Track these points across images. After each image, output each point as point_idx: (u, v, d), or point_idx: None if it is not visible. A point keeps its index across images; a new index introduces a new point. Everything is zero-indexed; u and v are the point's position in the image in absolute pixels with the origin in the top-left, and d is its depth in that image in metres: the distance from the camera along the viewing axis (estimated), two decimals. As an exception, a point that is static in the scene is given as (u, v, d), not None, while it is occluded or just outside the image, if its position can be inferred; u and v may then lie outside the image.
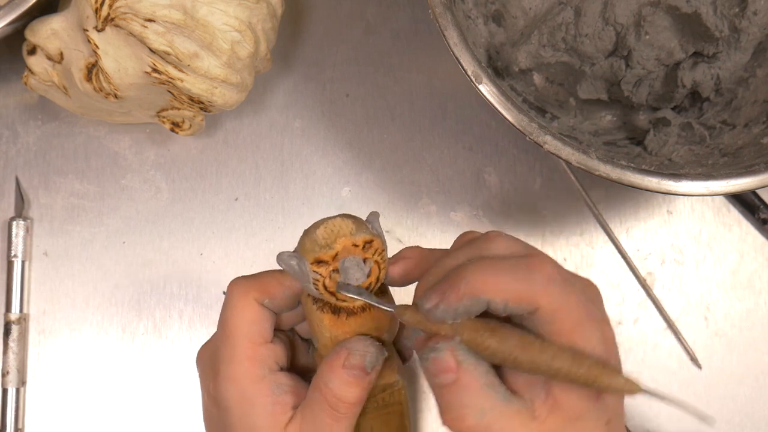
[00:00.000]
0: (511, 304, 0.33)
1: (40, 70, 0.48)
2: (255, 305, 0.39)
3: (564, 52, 0.50)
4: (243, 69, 0.47)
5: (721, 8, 0.48)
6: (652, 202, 0.55)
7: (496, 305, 0.33)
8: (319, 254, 0.37)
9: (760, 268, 0.55)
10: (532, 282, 0.33)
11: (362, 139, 0.55)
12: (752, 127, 0.48)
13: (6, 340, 0.51)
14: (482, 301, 0.33)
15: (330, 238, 0.37)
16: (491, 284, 0.33)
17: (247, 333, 0.39)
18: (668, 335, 0.54)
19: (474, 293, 0.33)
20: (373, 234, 0.38)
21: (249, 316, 0.39)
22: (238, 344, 0.39)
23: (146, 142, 0.54)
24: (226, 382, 0.39)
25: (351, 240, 0.37)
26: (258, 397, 0.39)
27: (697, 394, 0.54)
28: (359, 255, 0.37)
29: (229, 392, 0.39)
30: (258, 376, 0.39)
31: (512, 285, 0.33)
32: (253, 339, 0.39)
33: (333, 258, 0.37)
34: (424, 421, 0.53)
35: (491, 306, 0.33)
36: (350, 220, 0.38)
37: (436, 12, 0.43)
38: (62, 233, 0.53)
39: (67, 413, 0.52)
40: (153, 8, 0.43)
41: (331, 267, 0.37)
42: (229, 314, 0.39)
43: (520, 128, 0.43)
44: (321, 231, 0.37)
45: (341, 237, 0.37)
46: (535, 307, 0.33)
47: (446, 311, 0.34)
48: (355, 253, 0.37)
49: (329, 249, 0.37)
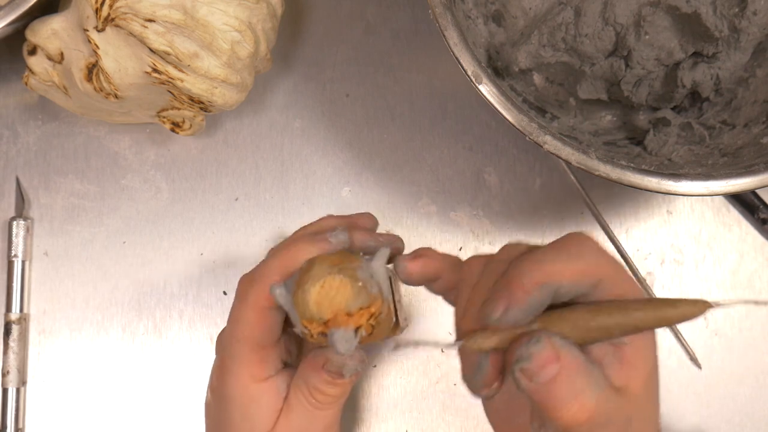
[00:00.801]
0: (578, 282, 0.32)
1: (40, 70, 0.48)
2: (263, 312, 0.39)
3: (564, 52, 0.50)
4: (243, 69, 0.47)
5: (720, 8, 0.48)
6: (652, 202, 0.55)
7: (564, 289, 0.32)
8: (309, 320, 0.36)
9: (760, 268, 0.55)
10: (586, 256, 0.33)
11: (362, 139, 0.55)
12: (752, 127, 0.48)
13: (6, 339, 0.51)
14: (549, 288, 0.32)
15: (323, 306, 0.35)
16: (553, 270, 0.32)
17: (255, 337, 0.39)
18: (668, 335, 0.54)
19: (539, 282, 0.32)
20: (373, 297, 0.36)
21: (259, 324, 0.39)
22: (246, 346, 0.39)
23: (146, 142, 0.54)
24: (232, 380, 0.40)
25: (345, 311, 0.35)
26: (263, 396, 0.39)
27: (697, 394, 0.54)
28: (352, 325, 0.36)
29: (234, 390, 0.39)
30: (264, 378, 0.40)
31: (571, 264, 0.32)
32: (262, 344, 0.39)
33: (324, 323, 0.36)
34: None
35: (559, 291, 0.32)
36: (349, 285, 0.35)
37: (436, 12, 0.43)
38: (62, 233, 0.53)
39: (68, 413, 0.52)
40: (153, 8, 0.43)
41: (320, 329, 0.36)
42: (238, 315, 0.39)
43: (520, 128, 0.43)
44: (315, 292, 0.35)
45: (334, 308, 0.35)
46: (598, 279, 0.33)
47: (518, 312, 0.32)
48: (348, 323, 0.35)
49: (319, 318, 0.35)
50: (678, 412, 0.54)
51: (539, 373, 0.31)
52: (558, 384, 0.31)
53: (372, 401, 0.53)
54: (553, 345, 0.31)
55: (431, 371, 0.53)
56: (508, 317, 0.32)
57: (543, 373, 0.31)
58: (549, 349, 0.31)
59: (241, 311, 0.39)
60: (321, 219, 0.43)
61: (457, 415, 0.53)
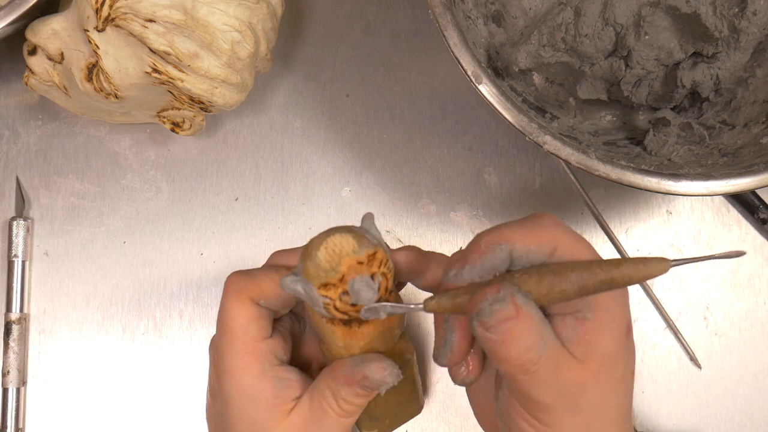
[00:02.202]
0: (531, 248, 0.34)
1: (40, 70, 0.48)
2: (251, 304, 0.39)
3: (564, 52, 0.50)
4: (243, 69, 0.47)
5: (720, 8, 0.48)
6: (652, 202, 0.55)
7: (518, 253, 0.34)
8: (326, 279, 0.36)
9: (759, 268, 0.55)
10: (544, 227, 0.35)
11: (362, 139, 0.55)
12: (752, 127, 0.48)
13: (6, 339, 0.52)
14: (504, 250, 0.34)
15: (334, 261, 0.36)
16: (508, 235, 0.34)
17: (245, 330, 0.39)
18: (668, 335, 0.54)
19: (494, 243, 0.34)
20: (375, 245, 0.36)
21: (246, 314, 0.39)
22: (236, 340, 0.39)
23: (146, 142, 0.54)
24: (226, 376, 0.39)
25: (355, 258, 0.36)
26: (260, 391, 0.39)
27: (697, 394, 0.54)
28: (366, 272, 0.36)
29: (230, 386, 0.39)
30: (258, 371, 0.39)
31: (527, 231, 0.34)
32: (252, 336, 0.39)
33: (340, 280, 0.36)
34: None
35: (514, 255, 0.34)
36: (350, 236, 0.36)
37: (436, 12, 0.43)
38: (63, 233, 0.53)
39: (68, 413, 0.52)
40: (153, 8, 0.43)
41: (339, 289, 0.36)
42: (226, 311, 0.39)
43: (520, 128, 0.43)
44: (323, 253, 0.36)
45: (345, 257, 0.36)
46: (554, 247, 0.34)
47: (472, 270, 0.34)
48: (362, 271, 0.36)
49: (335, 273, 0.36)
50: (678, 412, 0.54)
51: (497, 327, 0.33)
52: (511, 338, 0.33)
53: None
54: (516, 302, 0.33)
55: (431, 371, 0.53)
56: (462, 275, 0.34)
57: (500, 327, 0.33)
58: (511, 307, 0.33)
59: (230, 303, 0.39)
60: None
61: (457, 415, 0.53)
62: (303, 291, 0.36)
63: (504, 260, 0.34)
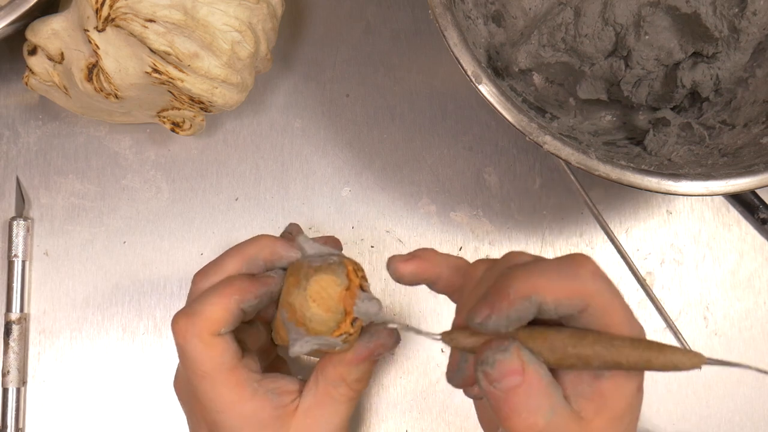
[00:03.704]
0: (562, 302, 0.32)
1: (40, 70, 0.48)
2: (214, 339, 0.38)
3: (564, 53, 0.50)
4: (243, 69, 0.47)
5: (720, 8, 0.48)
6: (652, 202, 0.55)
7: (547, 306, 0.32)
8: (335, 324, 0.36)
9: (759, 268, 0.55)
10: (579, 278, 0.33)
11: (362, 139, 0.55)
12: (752, 127, 0.48)
13: (6, 339, 0.52)
14: (533, 302, 0.32)
15: (332, 306, 0.36)
16: (540, 284, 0.32)
17: (221, 365, 0.39)
18: (668, 335, 0.54)
19: (524, 295, 0.32)
20: (338, 261, 0.37)
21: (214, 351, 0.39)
22: (217, 379, 0.39)
23: (146, 142, 0.54)
24: (223, 414, 0.39)
25: (344, 289, 0.36)
26: (260, 411, 0.39)
27: (697, 394, 0.54)
28: (357, 290, 0.36)
29: (231, 421, 0.39)
30: (250, 395, 0.39)
31: (561, 282, 0.32)
32: (229, 366, 0.39)
33: (348, 316, 0.36)
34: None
35: (542, 308, 0.32)
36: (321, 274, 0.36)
37: (436, 12, 0.43)
38: (63, 233, 0.53)
39: (68, 413, 0.52)
40: (153, 8, 0.43)
41: (348, 320, 0.36)
42: (194, 357, 0.39)
43: (520, 128, 0.43)
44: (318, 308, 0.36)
45: (337, 296, 0.36)
46: (587, 304, 0.32)
47: (499, 320, 0.32)
48: (355, 293, 0.36)
49: (340, 314, 0.36)
50: (678, 412, 0.54)
51: (500, 380, 0.32)
52: (515, 396, 0.32)
53: (372, 401, 0.53)
54: (521, 358, 0.32)
55: (431, 371, 0.53)
56: (489, 324, 0.32)
57: (504, 381, 0.32)
58: (515, 360, 0.32)
59: (194, 348, 0.38)
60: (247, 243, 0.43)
61: (457, 415, 0.53)
62: (319, 346, 0.37)
63: (532, 312, 0.32)
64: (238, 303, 0.39)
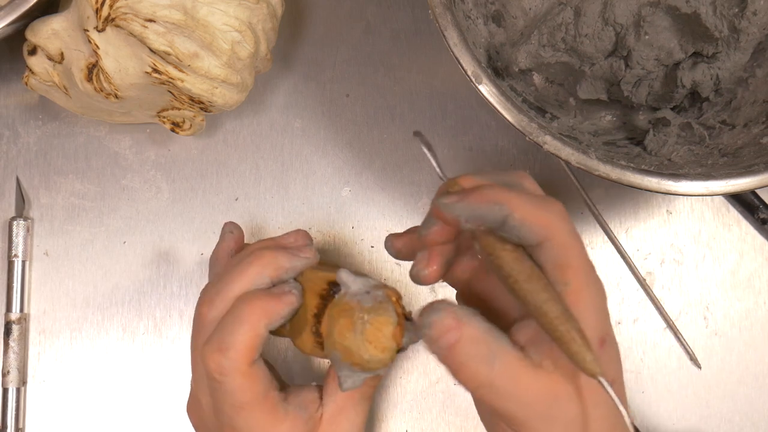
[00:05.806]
0: (526, 224, 0.33)
1: (40, 70, 0.48)
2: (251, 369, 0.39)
3: (564, 52, 0.50)
4: (243, 69, 0.47)
5: (720, 8, 0.48)
6: (652, 202, 0.55)
7: (513, 221, 0.33)
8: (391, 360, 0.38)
9: (759, 268, 0.55)
10: (549, 211, 0.34)
11: (362, 139, 0.55)
12: (752, 127, 0.48)
13: (6, 339, 0.52)
14: (501, 210, 0.33)
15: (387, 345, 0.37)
16: (513, 199, 0.34)
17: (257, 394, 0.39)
18: (668, 335, 0.54)
19: (496, 201, 0.33)
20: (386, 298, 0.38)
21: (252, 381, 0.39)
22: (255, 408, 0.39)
23: (146, 142, 0.54)
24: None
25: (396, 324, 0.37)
26: (294, 429, 0.40)
27: (697, 394, 0.54)
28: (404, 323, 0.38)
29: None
30: (283, 415, 0.40)
31: (532, 207, 0.34)
32: (264, 392, 0.40)
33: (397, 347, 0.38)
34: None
35: (508, 222, 0.33)
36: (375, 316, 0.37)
37: (436, 12, 0.43)
38: (63, 233, 0.53)
39: (68, 413, 0.52)
40: (153, 8, 0.43)
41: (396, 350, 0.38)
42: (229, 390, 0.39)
43: (520, 128, 0.43)
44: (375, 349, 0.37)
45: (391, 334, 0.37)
46: (547, 237, 0.34)
47: (463, 208, 0.34)
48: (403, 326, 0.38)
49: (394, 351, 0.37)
50: (678, 412, 0.54)
51: (439, 339, 0.33)
52: (456, 351, 0.33)
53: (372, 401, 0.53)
54: (454, 314, 0.33)
55: (431, 371, 0.53)
56: (455, 207, 0.34)
57: (443, 339, 0.33)
58: (449, 317, 0.33)
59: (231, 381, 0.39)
60: (253, 247, 0.44)
61: (457, 415, 0.53)
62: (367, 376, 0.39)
63: (496, 220, 0.34)
64: (267, 327, 0.40)
